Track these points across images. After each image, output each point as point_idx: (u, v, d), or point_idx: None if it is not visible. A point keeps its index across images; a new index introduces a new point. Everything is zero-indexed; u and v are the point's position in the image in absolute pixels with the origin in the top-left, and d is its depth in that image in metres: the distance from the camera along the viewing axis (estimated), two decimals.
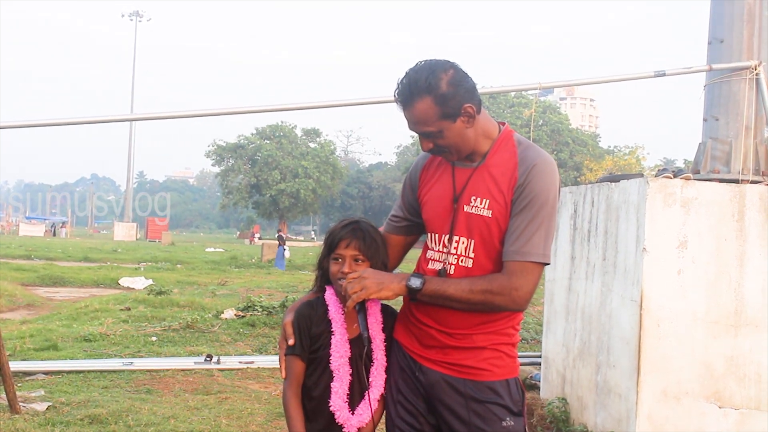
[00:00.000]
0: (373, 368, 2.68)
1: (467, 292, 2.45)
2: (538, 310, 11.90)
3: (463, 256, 2.54)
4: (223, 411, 5.92)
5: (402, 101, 2.48)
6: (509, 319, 2.56)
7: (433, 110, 2.43)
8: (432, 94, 2.41)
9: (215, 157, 64.35)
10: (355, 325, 2.66)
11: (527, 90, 6.55)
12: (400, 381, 2.65)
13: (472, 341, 2.53)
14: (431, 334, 2.57)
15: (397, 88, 2.49)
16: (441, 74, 2.43)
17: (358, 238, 2.62)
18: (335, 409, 2.61)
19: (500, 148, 2.56)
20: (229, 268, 26.05)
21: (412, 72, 2.46)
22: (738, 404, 4.80)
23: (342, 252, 2.64)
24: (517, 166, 2.49)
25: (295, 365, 2.65)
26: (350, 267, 2.61)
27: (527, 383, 6.97)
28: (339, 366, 2.62)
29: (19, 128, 6.03)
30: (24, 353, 8.03)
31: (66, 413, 5.57)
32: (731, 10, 5.70)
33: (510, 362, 2.58)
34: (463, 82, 2.46)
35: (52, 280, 18.90)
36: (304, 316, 2.67)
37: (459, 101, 2.44)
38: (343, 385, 2.61)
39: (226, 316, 10.60)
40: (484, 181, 2.53)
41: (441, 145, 2.51)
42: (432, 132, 2.48)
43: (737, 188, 4.89)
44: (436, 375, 2.57)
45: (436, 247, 2.61)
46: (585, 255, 5.63)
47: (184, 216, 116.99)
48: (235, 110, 6.57)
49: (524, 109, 57.37)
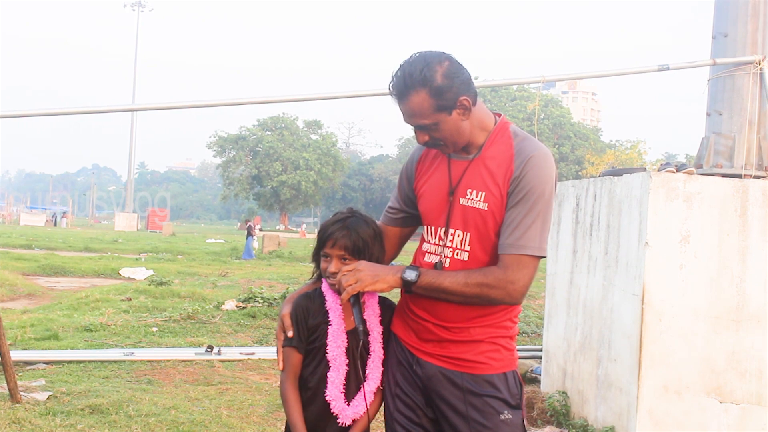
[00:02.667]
0: (370, 360, 2.67)
1: (462, 285, 2.43)
2: (539, 303, 11.91)
3: (459, 249, 2.52)
4: (223, 402, 5.93)
5: (397, 94, 2.45)
6: (506, 311, 2.55)
7: (428, 103, 2.40)
8: (427, 86, 2.38)
9: (216, 148, 64.49)
10: (352, 317, 2.65)
11: (530, 83, 6.53)
12: (398, 374, 2.65)
13: (469, 334, 2.52)
14: (428, 327, 2.56)
15: (392, 80, 2.46)
16: (436, 66, 2.40)
17: (344, 237, 2.59)
18: (331, 398, 2.60)
19: (496, 139, 2.53)
20: (230, 259, 26.07)
21: (407, 64, 2.43)
22: (739, 399, 4.80)
23: (328, 251, 2.62)
24: (514, 158, 2.47)
25: (292, 357, 2.64)
26: (336, 266, 2.59)
27: (528, 377, 6.98)
28: (336, 356, 2.61)
29: (20, 118, 6.03)
30: (25, 343, 8.04)
31: (67, 403, 5.58)
32: (736, 4, 5.68)
33: (508, 355, 2.57)
34: (458, 74, 2.42)
35: (52, 270, 18.90)
36: (301, 308, 2.66)
37: (455, 93, 2.41)
38: (339, 375, 2.60)
39: (226, 307, 10.60)
40: (480, 173, 2.51)
41: (437, 138, 2.49)
42: (428, 125, 2.45)
43: (740, 183, 4.88)
44: (434, 368, 2.56)
45: (432, 240, 2.60)
46: (587, 249, 5.62)
47: (185, 207, 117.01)
48: (236, 101, 6.55)
49: (527, 102, 57.38)
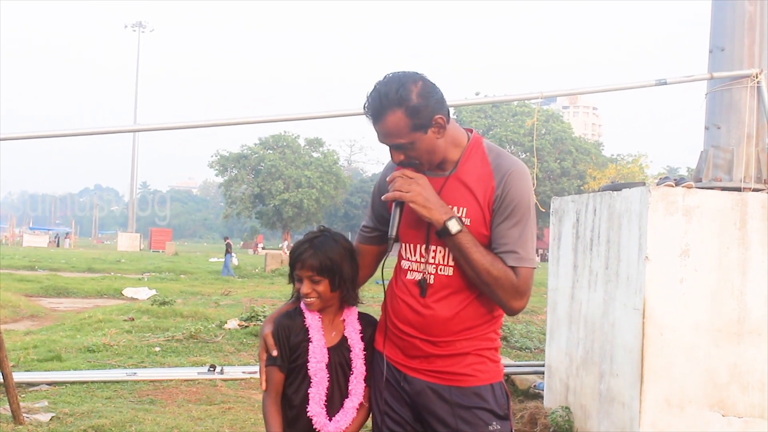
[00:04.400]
0: (353, 377, 2.68)
1: (488, 264, 2.44)
2: (541, 319, 11.90)
3: (442, 265, 2.54)
4: (226, 421, 5.93)
5: (373, 115, 2.45)
6: (491, 323, 2.59)
7: (404, 122, 2.41)
8: (403, 106, 2.39)
9: (218, 167, 64.50)
10: (333, 333, 2.68)
11: (529, 99, 6.57)
12: (386, 392, 2.65)
13: (456, 348, 2.54)
14: (414, 344, 2.57)
15: (367, 101, 2.46)
16: (411, 86, 2.41)
17: (312, 257, 2.62)
18: (312, 414, 2.61)
19: (471, 155, 2.56)
20: (233, 278, 26.06)
21: (381, 85, 2.44)
22: (741, 412, 4.78)
23: (298, 273, 2.66)
24: (492, 174, 2.50)
25: (274, 375, 2.66)
26: (308, 287, 2.63)
27: (531, 392, 6.97)
28: (316, 371, 2.62)
29: (23, 140, 6.06)
30: (28, 364, 8.04)
31: (69, 424, 5.58)
32: (732, 18, 5.71)
33: (493, 367, 2.60)
34: (432, 93, 2.44)
35: (55, 291, 18.92)
36: (283, 326, 2.68)
37: (430, 112, 2.42)
38: (320, 391, 2.62)
39: (229, 326, 10.60)
40: (458, 189, 2.53)
41: (412, 157, 2.50)
42: (403, 144, 2.47)
43: (739, 196, 4.89)
44: (421, 384, 2.58)
45: (413, 257, 2.60)
46: (587, 264, 5.63)
47: (187, 226, 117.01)
48: (238, 120, 6.57)
49: (527, 118, 57.45)
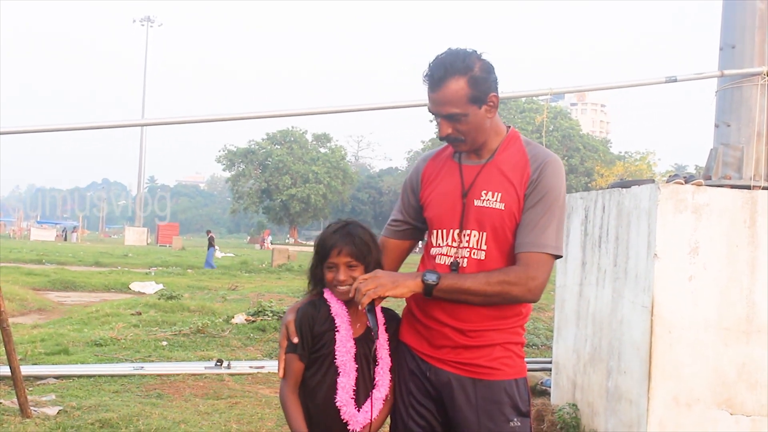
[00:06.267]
0: (378, 368, 2.66)
1: (484, 283, 2.47)
2: (548, 316, 11.88)
3: (476, 249, 2.57)
4: (233, 416, 5.94)
5: (435, 80, 2.51)
6: (518, 318, 2.61)
7: (464, 91, 2.49)
8: (467, 75, 2.49)
9: (226, 162, 64.65)
10: (358, 324, 2.65)
11: (538, 96, 6.55)
12: (411, 384, 2.66)
13: (485, 338, 2.55)
14: (444, 332, 2.58)
15: (429, 68, 2.53)
16: (475, 59, 2.53)
17: (348, 244, 2.60)
18: (341, 404, 2.58)
19: (509, 145, 2.64)
20: (240, 272, 26.10)
21: (446, 55, 2.53)
22: (750, 411, 4.77)
23: (335, 260, 2.62)
24: (529, 163, 2.57)
25: (294, 363, 2.63)
26: (345, 274, 2.60)
27: (538, 389, 6.95)
28: (345, 362, 2.59)
29: (31, 133, 6.07)
30: (35, 357, 8.07)
31: (77, 417, 5.59)
32: (743, 16, 5.68)
33: (519, 362, 2.62)
34: (492, 72, 2.56)
35: (63, 285, 18.97)
36: (307, 315, 2.64)
37: (487, 88, 2.52)
38: (349, 381, 2.59)
39: (236, 321, 10.60)
40: (495, 175, 2.59)
41: (460, 131, 2.55)
42: (457, 114, 2.52)
43: (749, 194, 4.86)
44: (447, 375, 2.58)
45: (444, 242, 2.63)
46: (596, 261, 5.62)
47: (194, 221, 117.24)
48: (245, 115, 6.57)
49: (535, 114, 57.35)
